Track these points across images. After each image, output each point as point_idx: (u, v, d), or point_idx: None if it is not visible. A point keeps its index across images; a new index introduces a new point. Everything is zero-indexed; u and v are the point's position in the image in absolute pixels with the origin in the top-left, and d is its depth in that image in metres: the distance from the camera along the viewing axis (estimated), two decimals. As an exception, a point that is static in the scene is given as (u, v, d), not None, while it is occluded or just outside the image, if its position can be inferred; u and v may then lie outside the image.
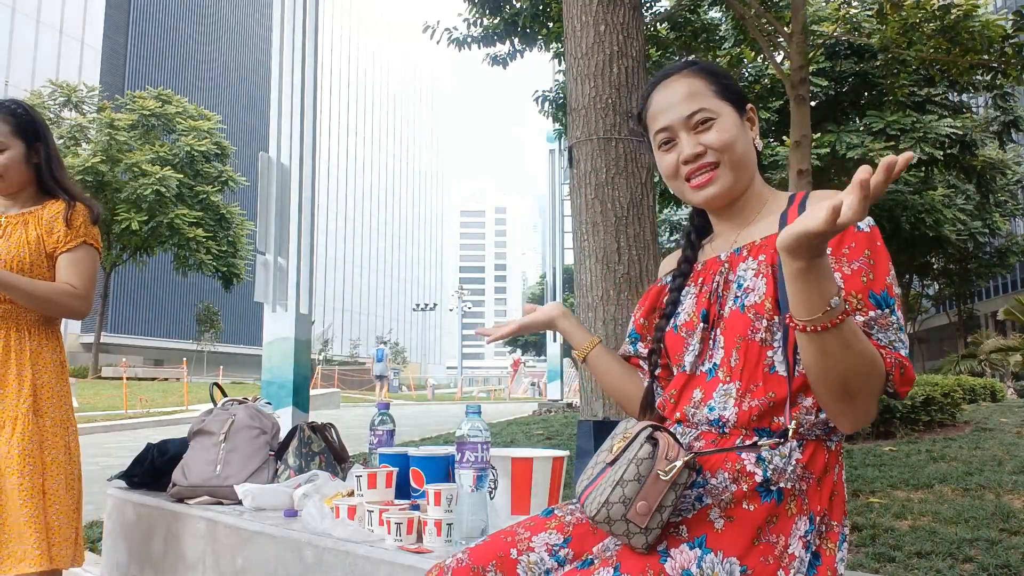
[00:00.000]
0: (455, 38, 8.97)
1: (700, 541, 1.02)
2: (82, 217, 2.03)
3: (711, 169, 1.18)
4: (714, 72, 1.23)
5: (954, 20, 7.11)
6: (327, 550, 1.77)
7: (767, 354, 1.10)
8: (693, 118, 1.18)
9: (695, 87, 1.20)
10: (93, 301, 2.04)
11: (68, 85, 28.01)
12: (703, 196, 1.20)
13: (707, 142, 1.18)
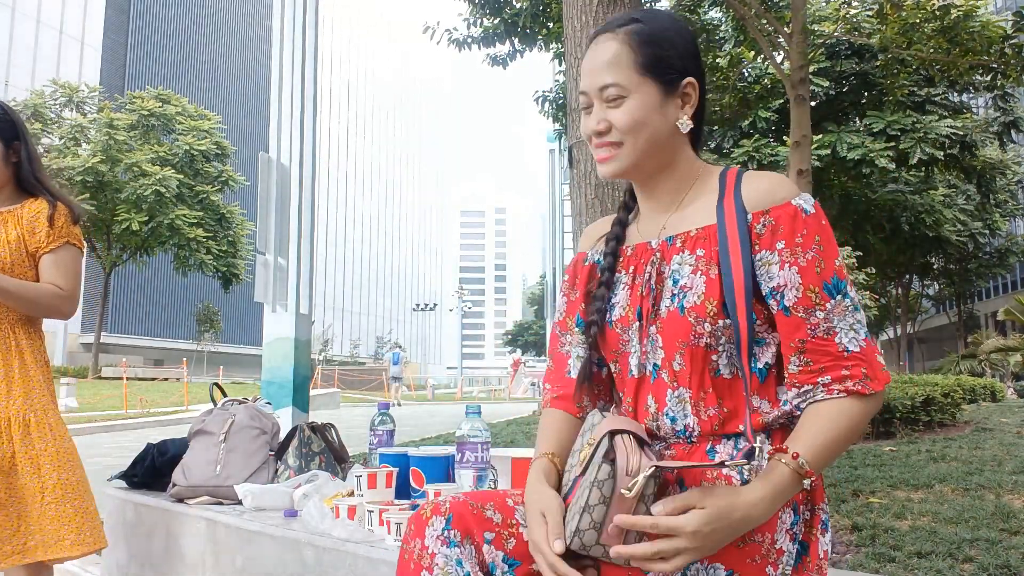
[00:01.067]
0: (455, 39, 8.97)
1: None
2: (64, 217, 2.03)
3: (614, 147, 1.11)
4: (645, 40, 1.10)
5: (954, 20, 7.11)
6: (327, 550, 1.77)
7: (712, 358, 1.06)
8: (605, 91, 1.10)
9: (618, 55, 1.10)
10: (78, 301, 2.04)
11: (70, 85, 28.01)
12: (603, 171, 1.14)
13: (612, 120, 1.10)
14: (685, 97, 1.12)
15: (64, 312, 1.99)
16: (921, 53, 7.38)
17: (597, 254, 1.25)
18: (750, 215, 1.06)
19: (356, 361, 64.01)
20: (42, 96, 27.23)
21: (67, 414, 13.79)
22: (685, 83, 1.12)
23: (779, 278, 1.03)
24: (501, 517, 1.07)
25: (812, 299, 1.02)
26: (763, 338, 1.08)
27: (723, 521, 0.92)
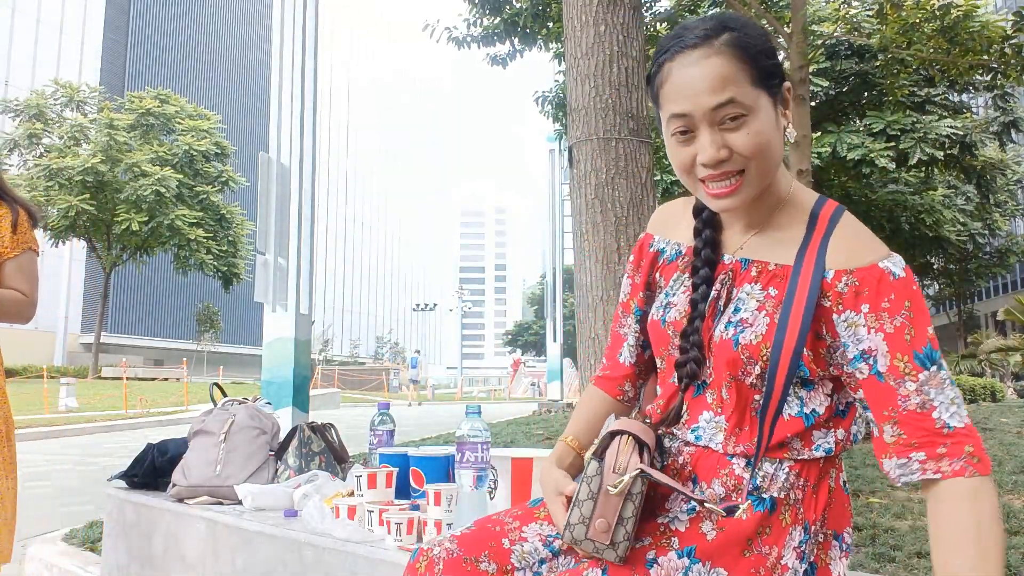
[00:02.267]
0: (455, 37, 8.97)
1: (689, 551, 0.99)
2: (26, 223, 2.06)
3: (736, 176, 0.98)
4: (753, 49, 0.97)
5: (954, 20, 7.11)
6: (327, 550, 1.77)
7: (755, 397, 1.03)
8: (720, 111, 0.95)
9: (727, 71, 0.95)
10: (37, 306, 2.07)
11: (70, 85, 28.01)
12: (721, 206, 1.01)
13: (735, 146, 0.96)
14: (786, 103, 1.02)
15: (26, 317, 2.02)
16: (921, 53, 7.38)
17: (664, 243, 1.18)
18: (831, 272, 0.99)
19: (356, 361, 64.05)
20: (43, 96, 27.24)
21: (68, 414, 13.81)
22: (785, 87, 1.01)
23: (868, 342, 0.96)
24: (495, 567, 1.05)
25: (900, 368, 0.94)
26: (813, 383, 1.03)
27: None
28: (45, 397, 15.17)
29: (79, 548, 3.66)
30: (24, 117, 26.32)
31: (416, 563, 1.07)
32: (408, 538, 1.70)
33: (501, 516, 1.15)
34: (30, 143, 26.26)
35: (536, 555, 1.07)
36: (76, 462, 8.13)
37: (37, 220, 2.13)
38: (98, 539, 3.53)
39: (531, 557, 1.06)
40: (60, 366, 33.03)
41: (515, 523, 1.12)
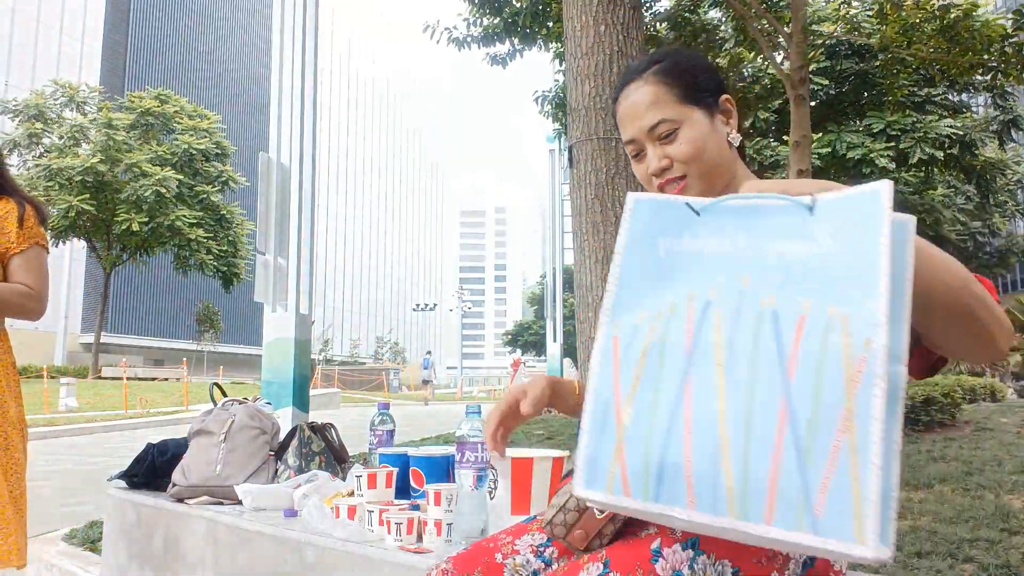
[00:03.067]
0: (455, 38, 8.97)
1: (693, 542, 0.99)
2: (33, 218, 2.05)
3: (680, 180, 1.13)
4: (677, 72, 1.14)
5: (954, 20, 7.11)
6: (327, 550, 1.77)
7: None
8: (655, 130, 1.12)
9: (656, 95, 1.13)
10: (47, 301, 2.04)
11: (71, 85, 28.01)
12: None
13: (673, 155, 1.12)
14: (727, 113, 1.16)
15: (33, 312, 1.99)
16: (921, 53, 7.38)
17: None
18: None
19: (356, 361, 64.04)
20: (43, 96, 27.23)
21: (68, 414, 13.81)
22: (723, 100, 1.15)
23: None
24: None
25: None
26: None
27: None
28: (45, 397, 15.17)
29: (79, 548, 3.66)
30: (24, 117, 26.33)
31: None
32: (408, 538, 1.70)
33: (497, 535, 1.19)
34: (30, 143, 26.27)
35: (528, 567, 1.10)
36: (76, 462, 8.13)
37: (45, 216, 2.11)
38: (98, 539, 3.53)
39: (523, 569, 1.10)
40: (60, 366, 33.04)
41: (508, 538, 1.15)
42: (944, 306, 0.85)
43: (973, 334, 0.88)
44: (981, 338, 0.88)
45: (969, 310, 0.86)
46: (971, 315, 0.86)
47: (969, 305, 0.85)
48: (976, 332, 0.87)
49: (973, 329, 0.87)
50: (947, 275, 0.84)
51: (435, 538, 1.65)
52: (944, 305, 0.85)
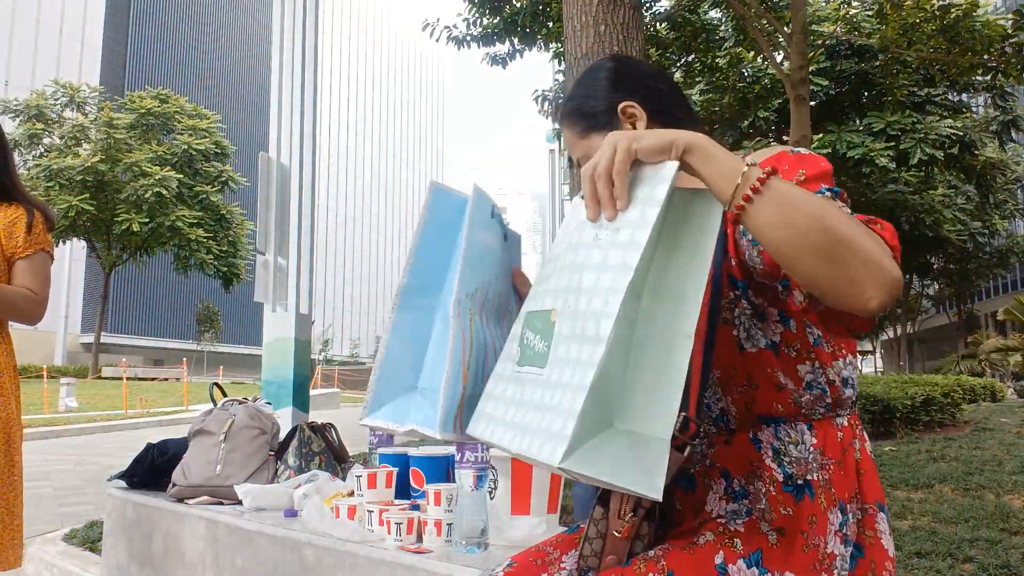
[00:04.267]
0: (454, 36, 8.96)
1: (756, 558, 0.96)
2: (41, 224, 2.09)
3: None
4: (573, 111, 1.18)
5: (954, 20, 7.11)
6: (327, 550, 1.77)
7: (732, 334, 1.04)
8: (580, 163, 1.17)
9: (567, 138, 1.20)
10: (46, 306, 2.07)
11: (71, 85, 28.01)
12: None
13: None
14: (631, 119, 1.13)
15: (34, 316, 2.02)
16: (921, 53, 7.38)
17: None
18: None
19: (356, 361, 64.06)
20: (44, 96, 27.24)
21: (68, 414, 13.81)
22: (620, 109, 1.14)
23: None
24: None
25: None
26: (764, 313, 1.03)
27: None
28: (45, 397, 15.17)
29: (79, 548, 3.66)
30: (24, 117, 26.33)
31: None
32: (408, 538, 1.70)
33: (543, 547, 1.15)
34: (30, 143, 26.27)
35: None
36: (76, 462, 8.13)
37: (53, 223, 2.16)
38: (98, 539, 3.53)
39: None
40: (60, 366, 33.05)
41: (555, 552, 1.12)
42: (799, 248, 0.81)
43: (843, 280, 0.81)
44: (849, 284, 0.81)
45: (827, 252, 0.80)
46: (830, 258, 0.80)
47: (826, 245, 0.80)
48: (847, 278, 0.80)
49: (841, 274, 0.80)
50: (801, 217, 0.81)
51: (435, 538, 1.65)
52: (799, 247, 0.81)
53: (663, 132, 0.87)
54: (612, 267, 0.83)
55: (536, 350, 0.91)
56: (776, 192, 0.83)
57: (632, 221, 0.85)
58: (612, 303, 0.80)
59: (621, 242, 0.84)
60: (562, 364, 0.84)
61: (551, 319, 0.89)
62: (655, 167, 0.86)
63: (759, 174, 0.83)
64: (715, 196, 0.86)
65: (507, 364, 0.98)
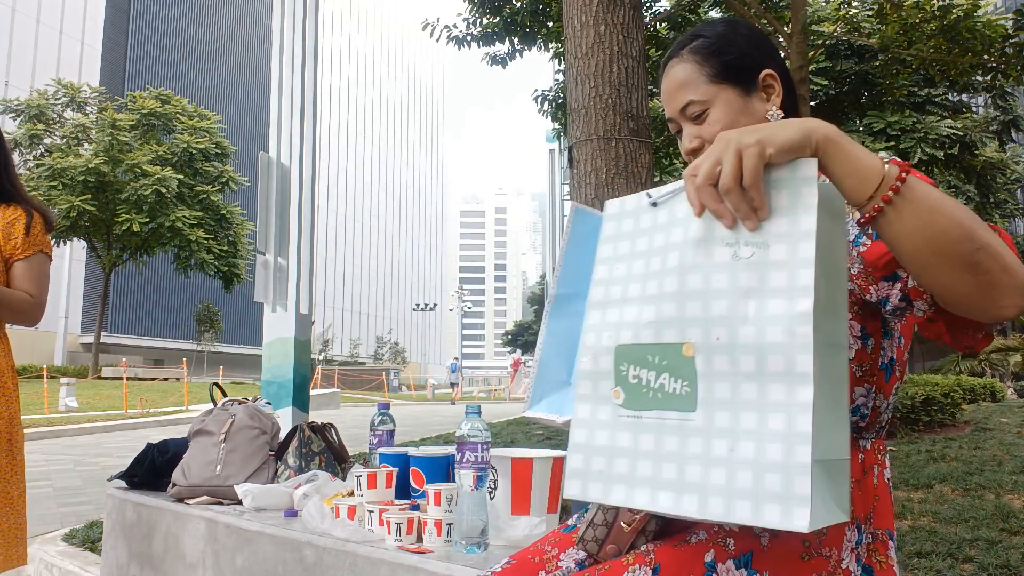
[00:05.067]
0: (454, 36, 8.96)
1: (747, 559, 0.93)
2: (40, 226, 2.08)
3: None
4: (712, 50, 1.09)
5: (954, 20, 7.11)
6: (327, 550, 1.77)
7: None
8: (686, 111, 1.09)
9: (688, 74, 1.09)
10: (44, 308, 2.07)
11: (72, 85, 28.00)
12: None
13: (703, 135, 1.08)
14: (768, 89, 1.08)
15: (32, 318, 2.01)
16: (921, 53, 7.38)
17: None
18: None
19: (356, 361, 64.00)
20: (45, 96, 27.23)
21: (68, 414, 13.81)
22: (763, 76, 1.08)
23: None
24: None
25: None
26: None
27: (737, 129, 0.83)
28: (45, 397, 15.17)
29: (79, 548, 3.66)
30: (25, 117, 26.32)
31: None
32: (408, 538, 1.70)
33: (540, 545, 1.14)
34: (31, 143, 26.26)
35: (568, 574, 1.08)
36: (76, 462, 8.13)
37: (52, 224, 2.15)
38: (98, 539, 3.53)
39: None
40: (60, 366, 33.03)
41: (553, 551, 1.11)
42: (942, 256, 0.77)
43: (984, 287, 0.78)
44: (988, 292, 0.78)
45: (970, 259, 0.77)
46: (973, 265, 0.77)
47: (970, 253, 0.77)
48: (987, 284, 0.78)
49: (982, 282, 0.78)
50: (947, 223, 0.77)
51: (435, 538, 1.65)
52: (942, 255, 0.77)
53: (794, 125, 0.79)
54: (778, 290, 0.73)
55: (666, 391, 0.79)
56: (916, 193, 0.77)
57: (784, 234, 0.75)
58: (802, 333, 0.70)
59: (778, 260, 0.74)
60: (732, 407, 0.74)
61: (684, 353, 0.77)
62: (789, 166, 0.77)
63: (897, 172, 0.77)
64: (845, 194, 0.80)
65: (599, 407, 0.85)
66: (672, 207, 0.85)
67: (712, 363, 0.75)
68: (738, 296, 0.75)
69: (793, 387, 0.70)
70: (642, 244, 0.86)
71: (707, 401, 0.76)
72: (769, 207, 0.77)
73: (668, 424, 0.78)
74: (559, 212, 16.77)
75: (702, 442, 0.75)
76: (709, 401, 0.75)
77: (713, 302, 0.76)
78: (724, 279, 0.76)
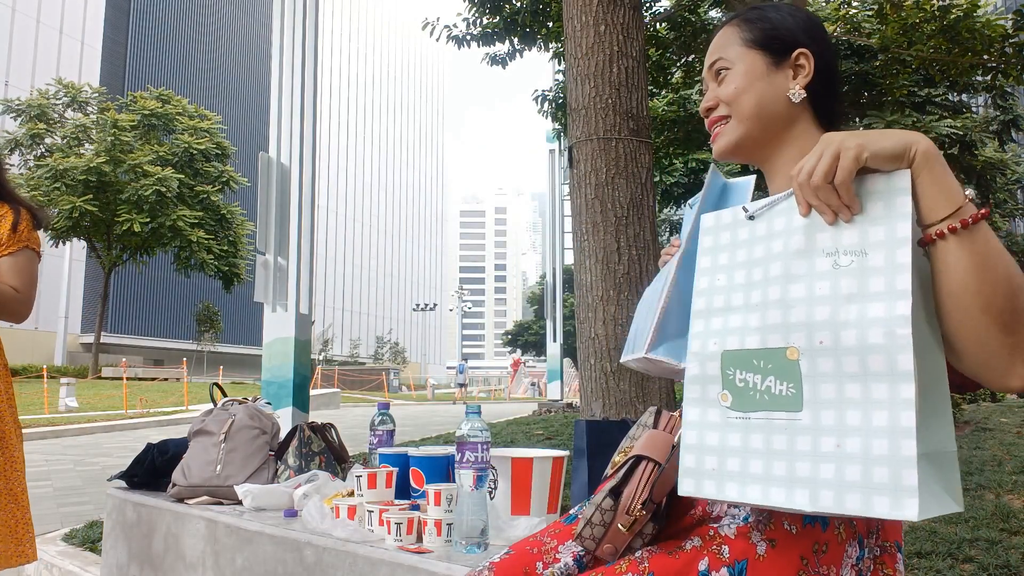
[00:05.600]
0: (454, 36, 8.96)
1: (741, 568, 0.92)
2: (27, 223, 2.07)
3: (722, 122, 1.11)
4: (753, 18, 1.11)
5: (954, 20, 7.11)
6: (327, 550, 1.77)
7: None
8: (713, 68, 1.12)
9: (727, 36, 1.11)
10: (32, 305, 2.05)
11: (73, 85, 27.99)
12: (715, 149, 1.13)
13: (718, 94, 1.10)
14: (798, 68, 1.08)
15: (18, 314, 1.99)
16: (921, 53, 7.38)
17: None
18: None
19: (356, 361, 64.00)
20: (47, 96, 27.21)
21: (68, 414, 13.81)
22: (796, 54, 1.07)
23: None
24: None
25: None
26: None
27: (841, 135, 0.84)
28: (45, 397, 15.17)
29: (79, 548, 3.66)
30: (26, 117, 26.30)
31: None
32: (408, 538, 1.70)
33: (540, 535, 1.15)
34: (32, 143, 26.25)
35: (566, 570, 1.07)
36: (76, 462, 8.13)
37: (41, 222, 2.14)
38: (98, 539, 3.53)
39: (561, 573, 1.07)
40: (60, 366, 33.02)
41: (552, 542, 1.12)
42: (984, 302, 0.78)
43: (1004, 349, 0.79)
44: (1011, 355, 0.80)
45: (1005, 318, 0.78)
46: (1003, 324, 0.78)
47: (1007, 311, 0.78)
48: (1009, 347, 0.79)
49: (1004, 343, 0.79)
50: (1002, 273, 0.78)
51: (435, 538, 1.65)
52: (985, 302, 0.78)
53: (896, 135, 0.82)
54: (878, 294, 0.78)
55: (772, 393, 0.84)
56: (984, 236, 0.79)
57: (881, 242, 0.79)
58: (902, 334, 0.75)
59: (876, 267, 0.79)
60: (837, 406, 0.78)
61: (788, 357, 0.83)
62: (885, 177, 0.81)
63: (975, 210, 0.80)
64: (920, 210, 0.81)
65: (708, 410, 0.90)
66: (770, 220, 0.90)
67: (817, 365, 0.80)
68: (840, 302, 0.80)
69: (896, 385, 0.75)
70: (741, 255, 0.92)
71: (813, 401, 0.80)
72: (866, 215, 0.81)
73: (776, 424, 0.83)
74: (559, 212, 16.77)
75: (811, 439, 0.80)
76: (815, 401, 0.80)
77: (816, 308, 0.81)
78: (826, 286, 0.81)
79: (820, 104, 1.09)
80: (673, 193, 12.74)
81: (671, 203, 13.29)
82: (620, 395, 3.24)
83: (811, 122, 1.09)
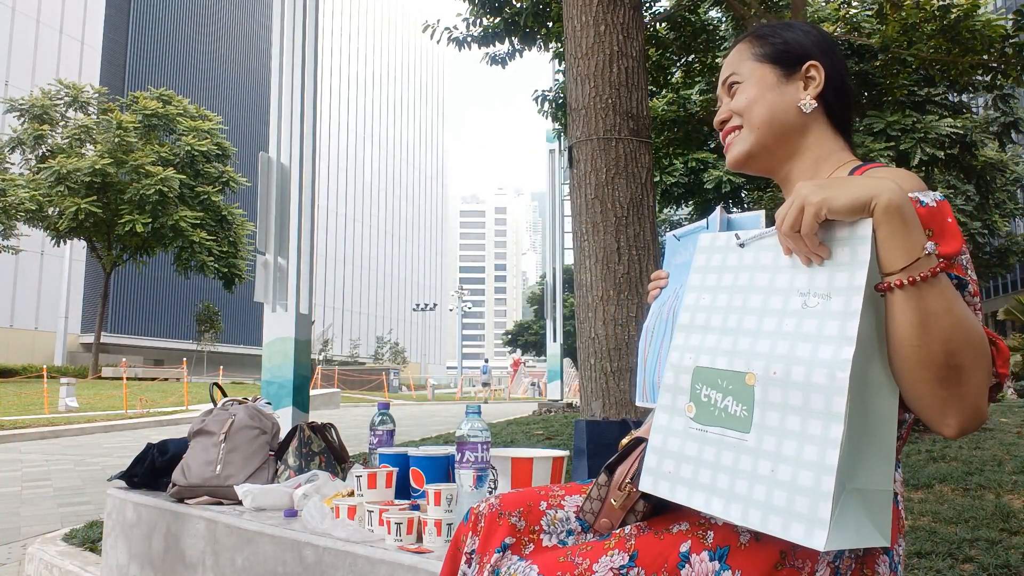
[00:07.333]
0: (455, 37, 8.96)
1: (722, 554, 0.95)
2: None
3: (735, 132, 1.15)
4: (764, 34, 1.16)
5: (954, 20, 7.11)
6: (327, 550, 1.77)
7: None
8: (726, 83, 1.17)
9: (739, 53, 1.16)
10: None
11: (75, 85, 27.97)
12: (728, 159, 1.18)
13: (731, 107, 1.15)
14: (808, 80, 1.12)
15: None
16: (921, 53, 7.38)
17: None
18: None
19: (356, 361, 63.97)
20: (49, 96, 27.20)
21: (68, 414, 13.81)
22: (807, 66, 1.11)
23: None
24: (525, 524, 1.12)
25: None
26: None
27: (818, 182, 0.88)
28: (45, 397, 15.17)
29: (79, 548, 3.66)
30: (28, 117, 26.28)
31: (466, 522, 1.16)
32: (408, 538, 1.70)
33: (552, 485, 1.23)
34: (34, 143, 26.24)
35: (566, 524, 1.14)
36: (76, 462, 8.13)
37: None
38: (98, 539, 3.53)
39: (561, 525, 1.13)
40: (60, 366, 33.00)
41: (560, 491, 1.19)
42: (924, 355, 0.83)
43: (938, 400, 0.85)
44: (943, 407, 0.85)
45: (941, 373, 0.83)
46: (939, 379, 0.84)
47: (944, 368, 0.83)
48: (942, 399, 0.85)
49: (938, 395, 0.85)
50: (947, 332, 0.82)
51: (435, 538, 1.65)
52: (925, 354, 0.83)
53: (859, 187, 0.85)
54: (830, 338, 0.83)
55: (729, 412, 0.90)
56: (936, 291, 0.83)
57: (843, 288, 0.84)
58: (840, 377, 0.80)
59: (835, 311, 0.84)
60: (778, 434, 0.84)
61: (747, 382, 0.89)
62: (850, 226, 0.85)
63: (934, 264, 0.83)
64: (879, 260, 0.84)
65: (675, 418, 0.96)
66: (758, 252, 0.95)
67: (768, 394, 0.87)
68: (799, 339, 0.86)
69: (828, 424, 0.80)
70: (727, 280, 0.97)
71: (759, 426, 0.87)
72: (835, 261, 0.86)
73: (728, 441, 0.90)
74: (559, 212, 16.77)
75: (751, 460, 0.87)
76: (761, 426, 0.86)
77: (779, 342, 0.88)
78: (792, 323, 0.88)
79: (834, 113, 1.14)
80: (673, 193, 12.74)
81: (671, 203, 13.29)
82: (620, 395, 3.24)
83: (825, 131, 1.14)
